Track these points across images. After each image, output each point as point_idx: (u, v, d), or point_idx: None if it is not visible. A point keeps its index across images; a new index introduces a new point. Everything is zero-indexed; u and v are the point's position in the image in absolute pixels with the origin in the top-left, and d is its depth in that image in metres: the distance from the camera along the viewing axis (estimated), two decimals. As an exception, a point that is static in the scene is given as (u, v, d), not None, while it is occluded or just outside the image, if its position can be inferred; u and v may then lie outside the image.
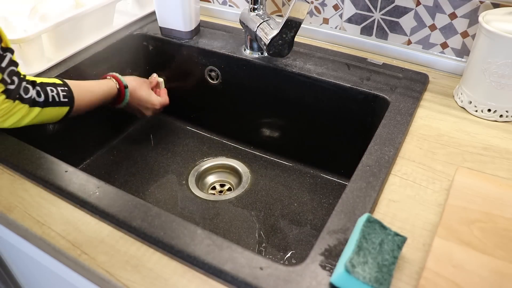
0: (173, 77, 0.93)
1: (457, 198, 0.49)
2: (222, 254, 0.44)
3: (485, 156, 0.58)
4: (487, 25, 0.61)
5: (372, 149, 0.58)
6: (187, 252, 0.45)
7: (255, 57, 0.80)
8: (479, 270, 0.41)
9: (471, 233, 0.45)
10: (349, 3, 0.81)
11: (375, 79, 0.73)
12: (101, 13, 0.85)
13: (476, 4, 0.70)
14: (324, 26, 0.86)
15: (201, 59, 0.86)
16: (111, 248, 0.47)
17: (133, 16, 0.94)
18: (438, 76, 0.76)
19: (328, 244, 0.45)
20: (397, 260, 0.41)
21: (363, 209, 0.49)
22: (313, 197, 0.79)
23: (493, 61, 0.61)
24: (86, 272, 0.47)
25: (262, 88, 0.82)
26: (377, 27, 0.81)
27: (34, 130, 0.65)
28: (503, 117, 0.65)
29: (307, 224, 0.74)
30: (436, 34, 0.76)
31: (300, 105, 0.80)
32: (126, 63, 0.90)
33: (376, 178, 0.53)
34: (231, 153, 0.90)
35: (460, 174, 0.52)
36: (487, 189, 0.50)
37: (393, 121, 0.63)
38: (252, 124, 0.88)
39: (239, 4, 0.95)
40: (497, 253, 0.43)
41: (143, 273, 0.44)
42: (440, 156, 0.58)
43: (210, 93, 0.90)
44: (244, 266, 0.43)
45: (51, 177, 0.54)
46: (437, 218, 0.49)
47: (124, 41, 0.88)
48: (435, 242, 0.44)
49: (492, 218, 0.46)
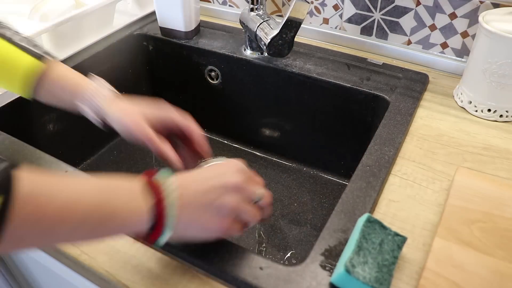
0: (173, 77, 0.93)
1: (457, 198, 0.49)
2: (222, 254, 0.44)
3: (485, 156, 0.58)
4: (487, 25, 0.61)
5: (372, 149, 0.58)
6: (187, 252, 0.45)
7: (255, 57, 0.80)
8: (479, 270, 0.41)
9: (471, 233, 0.45)
10: (349, 3, 0.81)
11: (375, 79, 0.73)
12: (101, 13, 0.85)
13: (476, 4, 0.70)
14: (324, 26, 0.86)
15: (201, 59, 0.86)
16: (111, 248, 0.47)
17: (133, 16, 0.94)
18: (438, 76, 0.76)
19: (328, 244, 0.45)
20: (397, 260, 0.41)
21: (363, 209, 0.49)
22: (313, 197, 0.79)
23: (493, 61, 0.61)
24: (86, 272, 0.47)
25: (262, 88, 0.82)
26: (377, 27, 0.81)
27: (34, 130, 0.65)
28: (503, 117, 0.65)
29: (307, 224, 0.74)
30: (436, 34, 0.76)
31: (300, 105, 0.80)
32: (126, 63, 0.90)
33: (376, 178, 0.53)
34: (231, 153, 0.90)
35: (460, 174, 0.52)
36: (487, 189, 0.50)
37: (393, 121, 0.63)
38: (252, 124, 0.88)
39: (239, 4, 0.95)
40: (497, 253, 0.43)
41: (143, 273, 0.44)
42: (440, 156, 0.58)
43: (210, 93, 0.90)
44: (244, 266, 0.43)
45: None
46: (437, 218, 0.49)
47: (124, 41, 0.88)
48: (435, 242, 0.44)
49: (492, 218, 0.46)
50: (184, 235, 0.41)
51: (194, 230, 0.40)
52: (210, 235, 0.41)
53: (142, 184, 0.38)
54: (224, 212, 0.40)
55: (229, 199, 0.40)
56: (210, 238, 0.42)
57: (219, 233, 0.41)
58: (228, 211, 0.40)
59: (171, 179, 0.40)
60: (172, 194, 0.38)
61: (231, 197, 0.41)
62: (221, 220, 0.40)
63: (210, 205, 0.40)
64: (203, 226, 0.40)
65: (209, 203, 0.40)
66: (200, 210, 0.39)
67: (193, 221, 0.40)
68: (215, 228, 0.41)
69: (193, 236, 0.41)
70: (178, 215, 0.38)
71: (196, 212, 0.39)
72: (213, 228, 0.40)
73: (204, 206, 0.40)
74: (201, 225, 0.40)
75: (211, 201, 0.40)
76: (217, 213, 0.40)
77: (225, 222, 0.41)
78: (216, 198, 0.40)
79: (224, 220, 0.40)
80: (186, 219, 0.39)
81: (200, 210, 0.39)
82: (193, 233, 0.41)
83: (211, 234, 0.41)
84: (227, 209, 0.40)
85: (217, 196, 0.40)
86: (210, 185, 0.40)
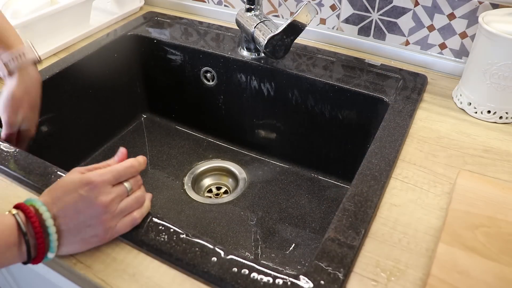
0: (168, 79, 0.92)
1: (460, 202, 0.48)
2: (222, 262, 0.43)
3: (486, 159, 0.58)
4: (487, 26, 0.60)
5: (372, 152, 0.57)
6: (186, 260, 0.43)
7: (251, 58, 0.79)
8: (484, 276, 0.41)
9: (476, 238, 0.44)
10: (346, 3, 0.80)
11: (373, 81, 0.72)
12: (77, 11, 0.84)
13: (475, 4, 0.69)
14: (321, 27, 0.85)
15: (196, 60, 0.85)
16: (107, 256, 0.45)
17: (112, 14, 0.94)
18: (437, 77, 0.75)
19: (329, 251, 0.44)
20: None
21: (365, 214, 0.48)
22: (311, 200, 0.78)
23: (493, 62, 0.61)
24: (82, 281, 0.45)
25: (258, 89, 0.81)
26: (374, 28, 0.80)
27: (26, 134, 0.63)
28: (502, 119, 0.64)
29: (305, 227, 0.73)
30: (435, 35, 0.75)
31: (297, 107, 0.79)
32: (120, 64, 0.88)
33: (377, 182, 0.52)
34: (227, 155, 0.89)
35: (462, 177, 0.52)
36: (490, 192, 0.49)
37: (393, 123, 0.62)
38: (248, 125, 0.87)
39: (234, 4, 0.93)
40: (502, 259, 0.42)
41: (140, 282, 0.43)
42: (441, 158, 0.58)
43: (205, 95, 0.89)
44: (245, 274, 0.42)
45: (44, 182, 0.53)
46: (439, 222, 0.49)
47: (117, 42, 0.86)
48: (439, 248, 0.43)
49: (496, 223, 0.46)
50: (70, 252, 0.44)
51: (78, 247, 0.44)
52: (97, 244, 0.45)
53: (14, 221, 0.40)
54: (97, 221, 0.43)
55: (102, 199, 0.43)
56: (98, 244, 0.45)
57: (103, 240, 0.44)
58: (100, 212, 0.42)
59: (43, 207, 0.41)
60: (49, 223, 0.41)
61: (103, 197, 0.43)
62: (99, 230, 0.43)
63: (84, 221, 0.42)
64: (85, 241, 0.43)
65: (83, 220, 0.42)
66: (78, 229, 0.42)
67: (76, 242, 0.43)
68: (96, 240, 0.44)
69: (81, 250, 0.44)
70: (58, 243, 0.42)
71: (75, 231, 0.42)
72: (94, 240, 0.44)
73: (81, 223, 0.42)
74: (84, 241, 0.43)
75: (85, 218, 0.42)
76: (93, 224, 0.43)
77: (103, 228, 0.43)
78: (88, 211, 0.42)
79: (101, 226, 0.43)
80: (68, 242, 0.42)
81: (78, 229, 0.42)
82: (78, 249, 0.44)
83: (97, 244, 0.44)
84: (99, 212, 0.42)
85: (88, 208, 0.42)
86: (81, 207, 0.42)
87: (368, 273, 0.43)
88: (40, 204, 0.41)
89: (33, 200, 0.42)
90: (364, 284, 0.42)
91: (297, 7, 0.85)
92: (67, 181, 0.43)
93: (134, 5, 0.98)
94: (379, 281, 0.43)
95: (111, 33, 0.88)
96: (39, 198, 0.43)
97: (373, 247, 0.46)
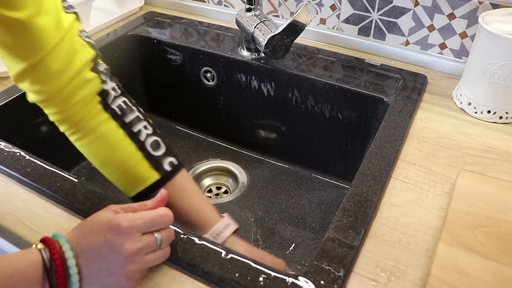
0: (168, 79, 0.92)
1: (460, 202, 0.48)
2: (222, 262, 0.43)
3: (486, 159, 0.58)
4: (487, 26, 0.60)
5: (372, 152, 0.57)
6: (186, 260, 0.43)
7: (251, 58, 0.79)
8: (484, 276, 0.41)
9: (476, 238, 0.44)
10: (346, 3, 0.80)
11: (373, 81, 0.72)
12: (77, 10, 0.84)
13: (475, 4, 0.69)
14: (321, 27, 0.85)
15: (196, 60, 0.85)
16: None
17: (112, 14, 0.94)
18: (436, 77, 0.75)
19: (329, 251, 0.44)
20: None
21: (365, 214, 0.48)
22: (310, 200, 0.78)
23: (493, 62, 0.61)
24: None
25: (258, 89, 0.81)
26: (374, 28, 0.80)
27: (25, 133, 0.63)
28: (502, 119, 0.64)
29: (305, 227, 0.73)
30: (435, 35, 0.75)
31: (297, 107, 0.79)
32: (121, 64, 0.88)
33: (377, 181, 0.52)
34: (227, 155, 0.89)
35: (462, 177, 0.52)
36: (490, 192, 0.49)
37: (393, 123, 0.62)
38: (248, 125, 0.87)
39: (234, 4, 0.93)
40: (502, 259, 0.42)
41: (140, 282, 0.43)
42: (440, 158, 0.58)
43: (205, 95, 0.89)
44: (245, 274, 0.42)
45: (44, 182, 0.53)
46: (439, 222, 0.49)
47: (116, 42, 0.86)
48: (439, 248, 0.43)
49: (496, 223, 0.46)
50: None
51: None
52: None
53: (40, 257, 0.38)
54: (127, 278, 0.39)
55: (128, 246, 0.39)
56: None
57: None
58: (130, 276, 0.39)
59: (67, 245, 0.39)
60: (70, 263, 0.38)
61: (130, 264, 0.39)
62: (122, 281, 0.40)
63: (107, 269, 0.39)
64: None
65: (106, 268, 0.39)
66: (99, 276, 0.39)
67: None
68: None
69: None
70: (80, 285, 0.39)
71: (96, 278, 0.39)
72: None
73: (103, 270, 0.39)
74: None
75: (107, 265, 0.39)
76: (116, 274, 0.39)
77: (126, 279, 0.40)
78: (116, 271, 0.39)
79: (124, 277, 0.39)
80: (88, 285, 0.39)
81: (99, 275, 0.39)
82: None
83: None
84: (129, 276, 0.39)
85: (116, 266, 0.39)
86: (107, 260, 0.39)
87: (368, 273, 0.43)
88: (64, 242, 0.39)
89: (59, 236, 0.40)
90: (364, 284, 0.42)
91: (297, 7, 0.85)
92: (96, 220, 0.40)
93: (134, 5, 0.98)
94: (379, 281, 0.43)
95: (111, 33, 0.88)
96: (67, 234, 0.41)
97: (373, 247, 0.46)
